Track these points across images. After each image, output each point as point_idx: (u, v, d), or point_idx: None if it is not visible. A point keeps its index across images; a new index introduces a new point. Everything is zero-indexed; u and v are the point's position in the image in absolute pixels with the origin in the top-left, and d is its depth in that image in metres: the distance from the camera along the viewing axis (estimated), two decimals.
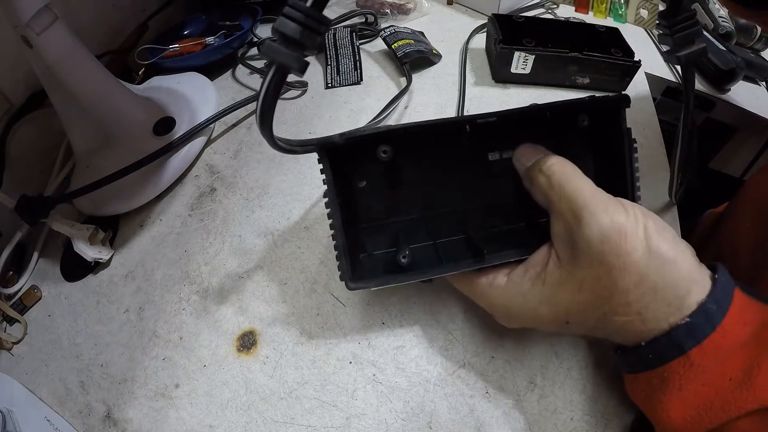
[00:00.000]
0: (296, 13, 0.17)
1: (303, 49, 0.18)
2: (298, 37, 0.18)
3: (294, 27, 0.18)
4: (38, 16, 0.34)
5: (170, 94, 0.47)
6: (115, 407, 0.31)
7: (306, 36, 0.18)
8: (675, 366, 0.20)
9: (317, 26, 0.18)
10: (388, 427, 0.27)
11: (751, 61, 0.52)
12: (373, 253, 0.28)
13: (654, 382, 0.22)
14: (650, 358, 0.21)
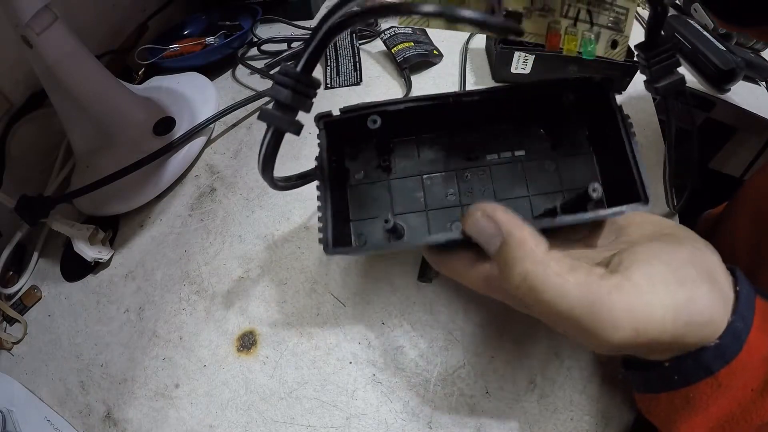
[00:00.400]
0: (287, 80, 0.19)
1: (296, 111, 0.20)
2: (290, 102, 0.19)
3: (286, 93, 0.19)
4: (38, 16, 0.34)
5: (170, 94, 0.47)
6: (115, 407, 0.31)
7: (298, 100, 0.20)
8: (702, 387, 0.20)
9: (307, 90, 0.20)
10: (388, 427, 0.27)
11: (751, 61, 0.52)
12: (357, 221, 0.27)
13: (676, 402, 0.21)
14: (675, 379, 0.20)
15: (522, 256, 0.18)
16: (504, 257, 0.19)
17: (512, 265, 0.18)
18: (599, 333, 0.18)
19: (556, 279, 0.18)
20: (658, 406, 0.22)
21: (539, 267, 0.18)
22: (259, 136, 0.45)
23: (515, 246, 0.18)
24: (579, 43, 0.22)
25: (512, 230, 0.19)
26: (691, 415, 0.20)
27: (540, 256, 0.18)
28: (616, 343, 0.18)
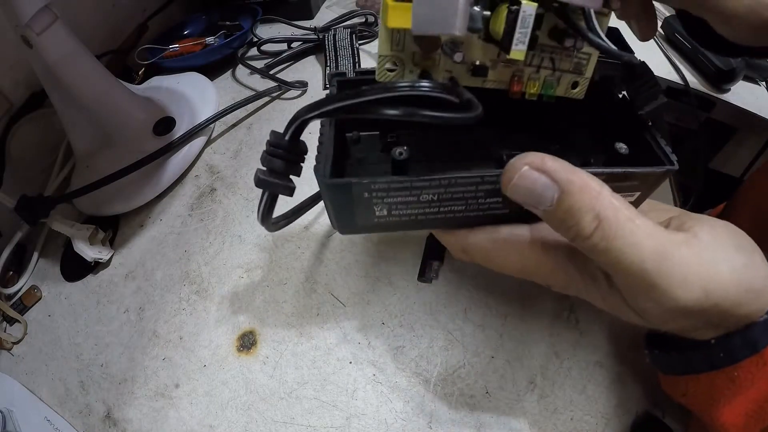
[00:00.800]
0: (278, 151, 0.20)
1: (289, 175, 0.21)
2: (283, 170, 0.20)
3: (279, 163, 0.20)
4: (38, 16, 0.34)
5: (170, 94, 0.47)
6: (115, 407, 0.31)
7: (290, 168, 0.21)
8: (747, 365, 0.19)
9: (297, 158, 0.21)
10: (388, 427, 0.27)
11: (751, 61, 0.52)
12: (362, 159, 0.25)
13: (719, 382, 0.20)
14: (720, 357, 0.19)
15: (590, 201, 0.16)
16: (567, 207, 0.17)
17: (580, 211, 0.16)
18: (668, 290, 0.16)
19: (629, 225, 0.16)
20: (698, 387, 0.21)
21: (610, 211, 0.16)
22: (259, 135, 0.45)
23: (579, 191, 0.17)
24: (540, 87, 0.22)
25: (571, 176, 0.17)
26: (735, 395, 0.19)
27: (608, 199, 0.17)
28: (682, 303, 0.17)
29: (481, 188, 0.20)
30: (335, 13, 0.58)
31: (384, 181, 0.19)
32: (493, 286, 0.31)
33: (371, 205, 0.20)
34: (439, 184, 0.19)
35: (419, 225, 0.22)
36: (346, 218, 0.22)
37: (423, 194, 0.20)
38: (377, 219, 0.21)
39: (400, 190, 0.20)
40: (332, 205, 0.21)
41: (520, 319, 0.30)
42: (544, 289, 0.30)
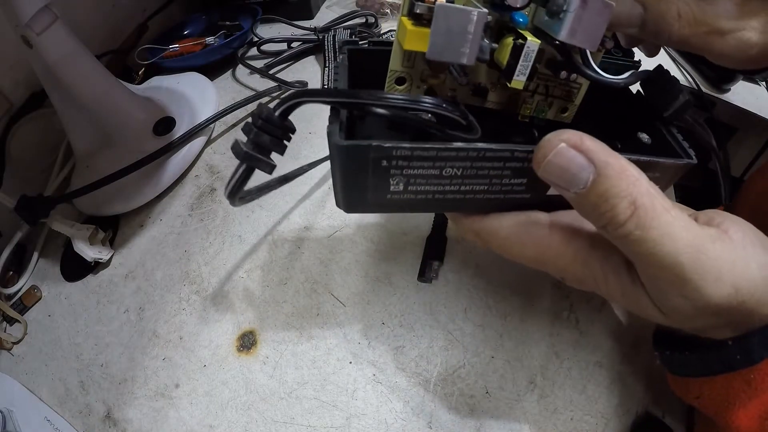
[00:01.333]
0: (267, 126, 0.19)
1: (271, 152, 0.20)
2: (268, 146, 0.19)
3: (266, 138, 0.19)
4: (38, 16, 0.34)
5: (170, 94, 0.47)
6: (115, 407, 0.31)
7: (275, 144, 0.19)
8: (764, 367, 0.18)
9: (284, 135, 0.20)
10: (388, 427, 0.27)
11: None
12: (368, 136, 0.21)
13: (735, 385, 0.19)
14: (737, 359, 0.19)
15: (628, 185, 0.16)
16: (602, 191, 0.16)
17: (617, 197, 0.16)
18: (700, 286, 0.16)
19: (666, 215, 0.16)
20: (713, 389, 0.20)
21: (647, 199, 0.16)
22: None
23: (616, 176, 0.16)
24: (533, 109, 0.23)
25: (609, 159, 0.16)
26: (750, 398, 0.19)
27: (645, 186, 0.16)
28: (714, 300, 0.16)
29: (509, 165, 0.19)
30: (335, 13, 0.58)
31: (408, 147, 0.17)
32: (494, 286, 0.31)
33: (387, 176, 0.19)
34: (467, 156, 0.18)
35: (434, 206, 0.20)
36: (356, 192, 0.20)
37: (447, 167, 0.18)
38: (391, 195, 0.19)
39: (423, 160, 0.18)
40: (342, 175, 0.19)
41: (520, 319, 0.30)
42: (545, 289, 0.30)
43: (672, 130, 0.21)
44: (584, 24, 0.18)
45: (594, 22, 0.18)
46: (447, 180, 0.19)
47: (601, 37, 0.18)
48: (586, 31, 0.18)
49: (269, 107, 0.19)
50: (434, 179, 0.19)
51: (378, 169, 0.18)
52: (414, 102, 0.17)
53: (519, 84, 0.19)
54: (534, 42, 0.18)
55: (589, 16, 0.18)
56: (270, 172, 0.20)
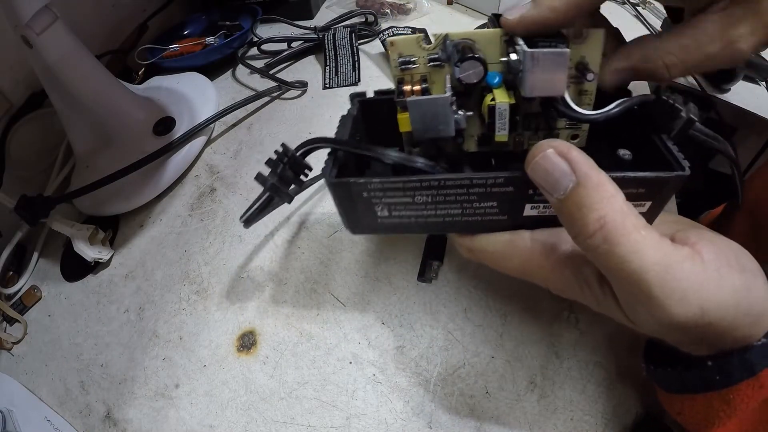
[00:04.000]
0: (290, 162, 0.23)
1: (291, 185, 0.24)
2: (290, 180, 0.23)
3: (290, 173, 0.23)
4: (38, 16, 0.34)
5: (170, 94, 0.47)
6: (115, 407, 0.31)
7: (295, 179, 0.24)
8: (743, 388, 0.18)
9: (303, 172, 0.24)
10: (388, 427, 0.27)
11: (751, 61, 0.52)
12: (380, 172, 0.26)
13: (715, 404, 0.19)
14: (716, 380, 0.19)
15: (600, 200, 0.17)
16: (577, 200, 0.17)
17: (588, 208, 0.17)
18: (665, 304, 0.16)
19: (635, 233, 0.16)
20: (694, 407, 0.21)
21: (618, 216, 0.16)
22: (258, 135, 0.45)
23: (593, 188, 0.17)
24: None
25: (589, 172, 0.17)
26: (729, 417, 0.19)
27: (620, 203, 0.17)
28: (678, 319, 0.17)
29: (473, 191, 0.20)
30: (335, 13, 0.58)
31: (378, 181, 0.21)
32: (493, 286, 0.31)
33: (371, 205, 0.22)
34: (429, 185, 0.20)
35: (422, 228, 0.23)
36: (353, 218, 0.23)
37: (417, 195, 0.21)
38: (381, 219, 0.23)
39: (394, 191, 0.21)
40: (339, 204, 0.23)
41: (520, 319, 0.30)
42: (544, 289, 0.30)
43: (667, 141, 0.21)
44: (542, 77, 0.19)
45: (552, 72, 0.19)
46: (422, 206, 0.22)
47: (564, 83, 0.20)
48: (547, 81, 0.19)
49: (290, 147, 0.23)
50: (411, 206, 0.22)
51: (361, 199, 0.22)
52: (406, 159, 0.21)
53: (503, 138, 0.21)
54: (503, 102, 0.20)
55: (544, 68, 0.19)
56: (289, 202, 0.24)
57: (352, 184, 0.21)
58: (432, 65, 0.22)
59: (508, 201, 0.21)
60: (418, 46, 0.22)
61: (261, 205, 0.24)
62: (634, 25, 0.56)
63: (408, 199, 0.21)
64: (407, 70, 0.22)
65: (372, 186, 0.21)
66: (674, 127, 0.21)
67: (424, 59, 0.22)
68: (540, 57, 0.19)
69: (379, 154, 0.21)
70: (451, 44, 0.21)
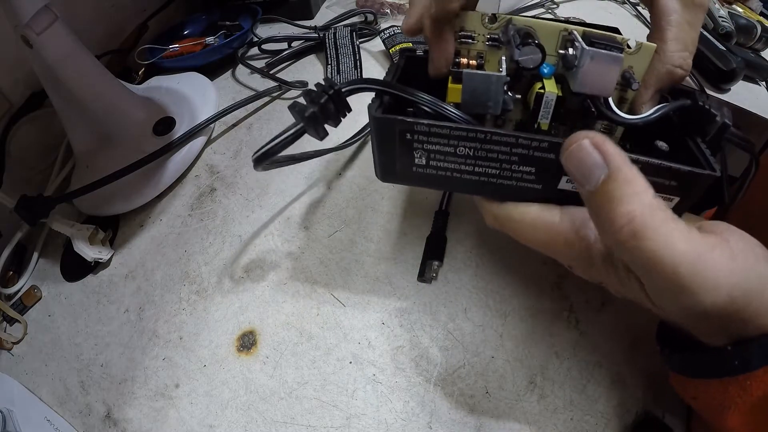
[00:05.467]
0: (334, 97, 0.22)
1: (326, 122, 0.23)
2: (330, 114, 0.22)
3: (332, 107, 0.22)
4: (38, 16, 0.34)
5: (170, 94, 0.47)
6: (115, 407, 0.31)
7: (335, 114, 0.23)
8: (761, 374, 0.18)
9: (344, 110, 0.23)
10: (388, 427, 0.27)
11: (751, 61, 0.52)
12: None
13: (731, 390, 0.19)
14: (735, 365, 0.19)
15: (630, 195, 0.17)
16: (607, 193, 0.17)
17: (618, 202, 0.17)
18: (696, 292, 0.16)
19: (664, 227, 0.16)
20: (708, 392, 0.21)
21: (647, 210, 0.16)
22: (259, 135, 0.45)
23: (623, 182, 0.17)
24: None
25: (622, 165, 0.17)
26: (746, 403, 0.19)
27: (649, 198, 0.17)
28: (707, 307, 0.17)
29: (516, 151, 0.20)
30: (335, 12, 0.58)
31: (426, 123, 0.20)
32: (493, 286, 0.31)
33: (411, 149, 0.22)
34: (476, 137, 0.20)
35: (454, 185, 0.23)
36: (388, 162, 0.23)
37: (460, 146, 0.21)
38: (416, 168, 0.22)
39: (439, 137, 0.21)
40: (377, 144, 0.22)
41: (520, 319, 0.30)
42: (545, 289, 0.30)
43: (699, 142, 0.21)
44: (594, 76, 0.20)
45: (604, 74, 0.20)
46: (462, 159, 0.21)
47: (613, 85, 0.21)
48: (598, 81, 0.20)
49: (336, 83, 0.23)
50: (451, 157, 0.21)
51: (403, 141, 0.21)
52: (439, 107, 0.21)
53: (544, 125, 0.22)
54: (552, 92, 0.21)
55: (599, 68, 0.20)
56: (322, 138, 0.23)
57: (399, 122, 0.21)
58: (490, 44, 0.23)
59: (547, 169, 0.21)
60: (481, 23, 0.22)
61: (289, 138, 0.23)
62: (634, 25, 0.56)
63: (450, 148, 0.21)
64: (465, 44, 0.23)
65: (419, 128, 0.21)
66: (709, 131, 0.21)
67: (483, 38, 0.23)
68: (597, 56, 0.20)
69: (432, 103, 0.21)
70: (514, 28, 0.22)
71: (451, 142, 0.21)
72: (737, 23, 0.55)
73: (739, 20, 0.55)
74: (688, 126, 0.22)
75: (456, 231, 0.34)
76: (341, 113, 0.23)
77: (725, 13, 0.54)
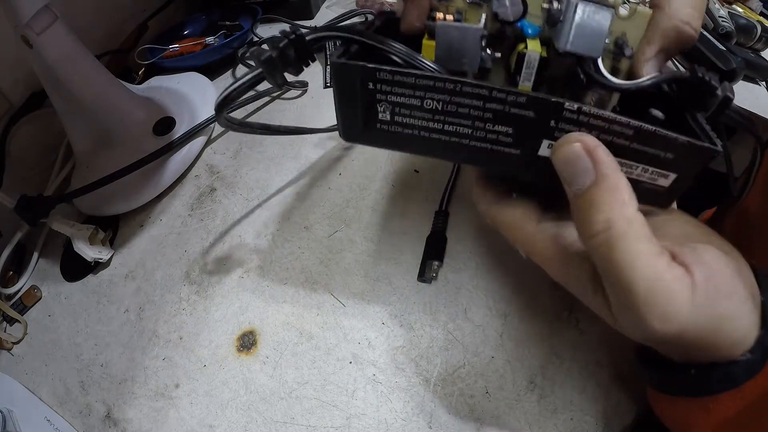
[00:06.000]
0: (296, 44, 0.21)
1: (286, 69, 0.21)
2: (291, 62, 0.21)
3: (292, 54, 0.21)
4: (38, 16, 0.34)
5: (170, 94, 0.47)
6: (115, 407, 0.31)
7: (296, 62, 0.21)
8: (725, 398, 0.19)
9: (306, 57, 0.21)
10: (388, 427, 0.27)
11: (751, 61, 0.52)
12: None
13: (695, 410, 0.20)
14: (698, 389, 0.20)
15: (612, 203, 0.17)
16: (591, 198, 0.17)
17: (598, 208, 0.17)
18: (646, 318, 0.17)
19: (634, 244, 0.17)
20: (674, 408, 0.21)
21: (624, 223, 0.17)
22: (259, 136, 0.45)
23: (608, 190, 0.17)
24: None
25: (609, 173, 0.17)
26: (708, 422, 0.19)
27: (630, 211, 0.17)
28: (656, 335, 0.17)
29: (490, 106, 0.19)
30: (335, 13, 0.58)
31: (389, 69, 0.19)
32: (493, 286, 0.31)
33: (374, 102, 0.20)
34: (444, 87, 0.19)
35: (422, 147, 0.21)
36: (351, 117, 0.21)
37: (427, 98, 0.19)
38: (380, 125, 0.21)
39: (404, 87, 0.19)
40: (338, 95, 0.21)
41: (520, 319, 0.30)
42: (544, 289, 0.30)
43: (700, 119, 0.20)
44: (581, 31, 0.18)
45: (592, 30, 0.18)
46: (429, 115, 0.20)
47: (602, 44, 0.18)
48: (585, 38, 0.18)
49: (302, 29, 0.21)
50: (417, 111, 0.20)
51: (366, 92, 0.20)
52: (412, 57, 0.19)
53: (526, 88, 0.20)
54: (535, 51, 0.19)
55: (585, 23, 0.18)
56: (280, 86, 0.22)
57: (360, 68, 0.19)
58: (470, 1, 0.21)
59: (526, 130, 0.19)
60: None
61: (246, 83, 0.21)
62: None
63: (417, 101, 0.19)
64: (444, 1, 0.21)
65: (382, 75, 0.19)
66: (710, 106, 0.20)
67: None
68: (584, 10, 0.18)
69: (404, 53, 0.19)
70: None
71: (417, 93, 0.19)
72: (737, 23, 0.54)
73: (739, 20, 0.55)
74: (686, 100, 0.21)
75: (456, 231, 0.34)
76: (303, 61, 0.21)
77: (725, 13, 0.54)
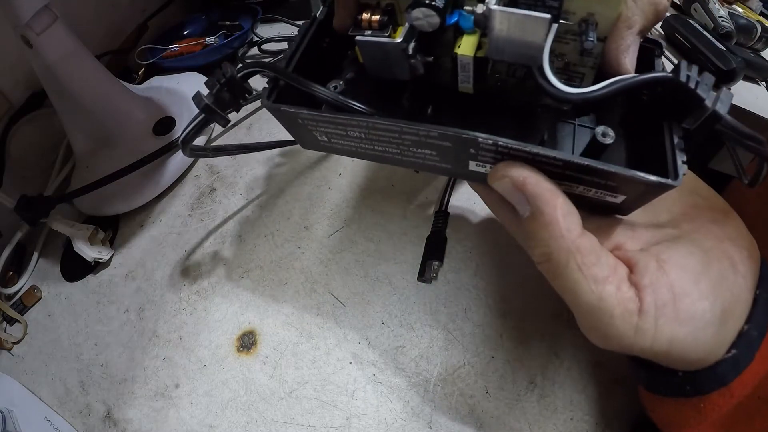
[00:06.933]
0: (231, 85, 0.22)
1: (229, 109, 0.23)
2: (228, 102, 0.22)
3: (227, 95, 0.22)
4: (38, 16, 0.34)
5: (170, 94, 0.47)
6: (115, 407, 0.31)
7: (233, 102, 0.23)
8: (714, 398, 0.19)
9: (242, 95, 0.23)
10: (388, 427, 0.27)
11: (751, 61, 0.52)
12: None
13: (685, 410, 0.20)
14: (687, 389, 0.19)
15: (548, 238, 0.17)
16: (529, 230, 0.18)
17: (536, 243, 0.18)
18: (590, 337, 0.19)
19: (574, 273, 0.17)
20: (664, 409, 0.21)
21: (563, 255, 0.17)
22: (258, 135, 0.45)
23: (543, 225, 0.17)
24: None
25: (543, 207, 0.17)
26: (699, 423, 0.19)
27: (567, 243, 0.17)
28: (608, 347, 0.18)
29: (406, 138, 0.19)
30: None
31: (306, 113, 0.20)
32: (493, 286, 0.31)
33: (309, 130, 0.21)
34: (358, 124, 0.19)
35: (366, 156, 0.22)
36: (299, 137, 0.23)
37: (350, 130, 0.20)
38: (323, 143, 0.22)
39: (326, 123, 0.20)
40: (281, 122, 0.22)
41: (520, 319, 0.30)
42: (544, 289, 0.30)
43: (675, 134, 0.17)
44: (512, 41, 0.16)
45: (525, 39, 0.16)
46: (357, 139, 0.20)
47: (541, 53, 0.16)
48: (518, 48, 0.16)
49: (233, 67, 0.22)
50: (346, 137, 0.21)
51: (297, 125, 0.21)
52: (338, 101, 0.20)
53: (467, 90, 0.20)
54: (466, 55, 0.18)
55: (516, 33, 0.16)
56: (224, 125, 0.23)
57: (283, 112, 0.20)
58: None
59: (448, 155, 0.19)
60: None
61: (195, 127, 0.23)
62: None
63: (342, 131, 0.20)
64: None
65: (303, 117, 0.20)
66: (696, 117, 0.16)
67: None
68: (509, 19, 0.15)
69: (312, 90, 0.20)
70: None
71: (339, 127, 0.20)
72: (737, 23, 0.54)
73: (739, 20, 0.55)
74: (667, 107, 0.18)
75: (456, 231, 0.34)
76: (240, 97, 0.22)
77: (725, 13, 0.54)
